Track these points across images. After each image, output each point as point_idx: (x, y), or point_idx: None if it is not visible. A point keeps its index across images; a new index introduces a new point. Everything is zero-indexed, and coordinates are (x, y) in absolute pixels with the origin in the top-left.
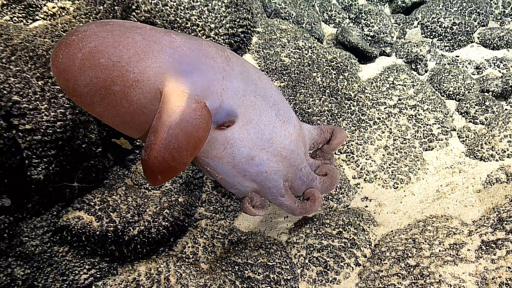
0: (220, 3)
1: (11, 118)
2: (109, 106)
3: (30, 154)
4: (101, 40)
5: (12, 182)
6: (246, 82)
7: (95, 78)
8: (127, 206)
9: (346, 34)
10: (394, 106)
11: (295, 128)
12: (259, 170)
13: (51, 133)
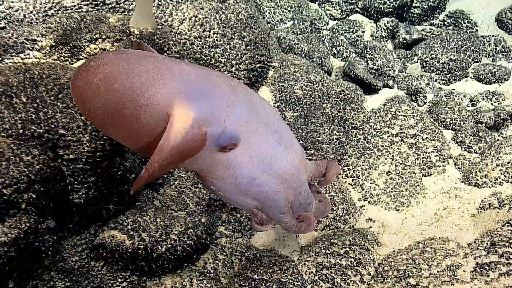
0: (241, 42)
1: (57, 149)
2: (121, 127)
3: (73, 181)
4: (116, 67)
5: (56, 206)
6: (249, 110)
7: (108, 101)
8: (155, 226)
9: (353, 68)
10: (396, 135)
11: (296, 154)
12: (260, 190)
13: (91, 162)
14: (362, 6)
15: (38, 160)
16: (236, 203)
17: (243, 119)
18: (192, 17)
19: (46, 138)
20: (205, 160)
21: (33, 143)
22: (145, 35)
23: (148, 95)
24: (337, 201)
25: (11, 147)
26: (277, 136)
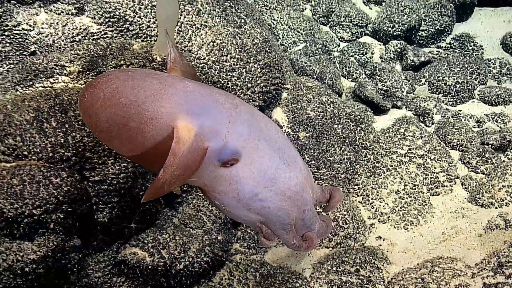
0: (256, 65)
1: (84, 171)
2: (126, 140)
3: (98, 201)
4: (122, 82)
5: (82, 225)
6: (251, 127)
7: (114, 114)
8: (174, 243)
9: (363, 89)
10: (404, 155)
11: (301, 172)
12: (263, 206)
13: (115, 183)
14: (371, 29)
15: (66, 182)
16: (240, 218)
17: (244, 135)
18: (211, 42)
19: (74, 161)
20: (208, 175)
21: (62, 166)
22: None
23: (152, 109)
24: (347, 219)
25: (41, 170)
26: (280, 154)
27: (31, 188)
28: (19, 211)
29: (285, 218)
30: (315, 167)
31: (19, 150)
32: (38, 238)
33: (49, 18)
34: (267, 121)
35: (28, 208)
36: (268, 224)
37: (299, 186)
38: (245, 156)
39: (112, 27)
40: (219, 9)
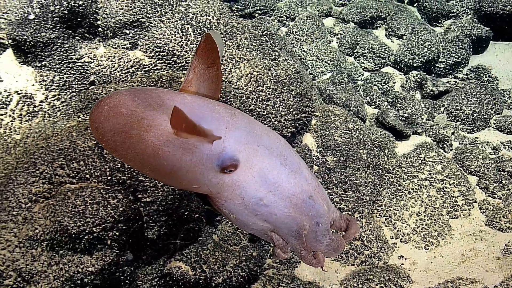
0: (289, 95)
1: (137, 193)
2: (129, 148)
3: (148, 220)
4: (124, 96)
5: (134, 241)
6: (249, 134)
7: (116, 124)
8: (214, 259)
9: (385, 116)
10: (425, 179)
11: (307, 182)
12: (269, 211)
13: (164, 204)
14: (393, 60)
15: (122, 203)
16: (249, 226)
17: (242, 141)
18: (248, 74)
19: (129, 183)
20: (210, 181)
21: (118, 188)
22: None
23: (151, 117)
24: (372, 239)
25: (101, 191)
26: (281, 160)
27: (92, 208)
28: (81, 229)
29: (293, 225)
30: (342, 189)
31: (82, 173)
32: (96, 252)
33: (107, 52)
34: (267, 131)
35: (89, 226)
36: (278, 232)
37: (306, 195)
38: (245, 161)
39: (161, 60)
40: (256, 43)
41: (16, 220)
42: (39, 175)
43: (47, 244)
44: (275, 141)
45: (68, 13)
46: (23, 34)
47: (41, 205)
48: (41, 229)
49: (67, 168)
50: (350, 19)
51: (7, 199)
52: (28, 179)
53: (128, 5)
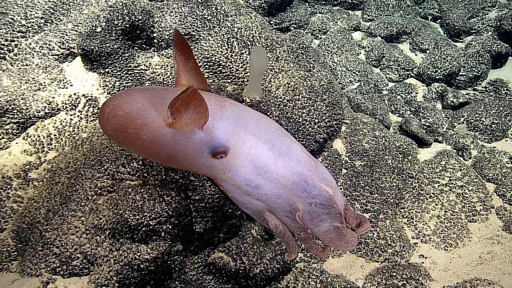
0: (322, 104)
1: (188, 191)
2: (130, 143)
3: (196, 215)
4: (121, 99)
5: (183, 233)
6: (237, 123)
7: (115, 125)
8: (253, 252)
9: (409, 124)
10: (445, 184)
11: (299, 164)
12: (260, 193)
13: (211, 202)
14: (416, 72)
15: (175, 200)
16: (245, 205)
17: (230, 130)
18: (286, 84)
19: (181, 183)
20: (204, 165)
21: (172, 187)
22: (254, 103)
23: (143, 117)
24: (395, 238)
25: (157, 189)
26: (269, 145)
27: (149, 204)
28: (139, 221)
29: (285, 206)
30: (369, 192)
31: (141, 172)
32: (151, 242)
33: (161, 61)
34: (258, 119)
35: (146, 220)
36: (274, 213)
37: (297, 177)
38: (233, 148)
39: (208, 69)
40: (293, 56)
41: (83, 210)
42: (104, 171)
43: (109, 232)
44: (265, 128)
45: (129, 26)
46: (91, 44)
47: (105, 198)
48: (105, 219)
49: (128, 167)
50: (378, 33)
51: (77, 191)
52: (94, 174)
53: (181, 19)
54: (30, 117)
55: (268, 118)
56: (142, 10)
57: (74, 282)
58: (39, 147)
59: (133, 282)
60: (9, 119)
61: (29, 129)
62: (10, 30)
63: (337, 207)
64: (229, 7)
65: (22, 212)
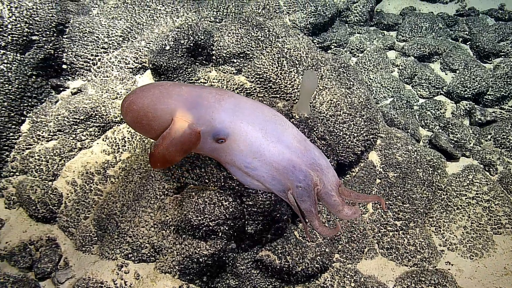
0: (361, 119)
1: (242, 197)
2: (146, 132)
3: (248, 219)
4: (135, 95)
5: (237, 234)
6: (234, 114)
7: (132, 117)
8: (296, 252)
9: (438, 139)
10: (472, 198)
11: (289, 150)
12: (257, 174)
13: (262, 207)
14: (446, 91)
15: (232, 204)
16: (247, 183)
17: (227, 120)
18: (329, 100)
19: (237, 189)
20: (209, 149)
21: (229, 193)
22: (302, 120)
23: (153, 110)
24: (424, 245)
25: (216, 194)
26: (263, 132)
27: (210, 207)
28: (201, 222)
29: (279, 187)
30: (401, 201)
31: (203, 178)
32: (210, 240)
33: (218, 75)
34: (254, 108)
35: (207, 221)
36: (273, 191)
37: (286, 162)
38: (231, 135)
39: (260, 85)
40: (335, 74)
41: (152, 207)
42: (171, 175)
43: (174, 228)
44: (259, 117)
45: (193, 45)
46: (160, 60)
47: (171, 198)
48: (170, 217)
49: (192, 173)
50: (411, 53)
51: (147, 190)
52: (162, 177)
53: (237, 40)
54: (108, 121)
55: (265, 107)
56: (204, 31)
57: (142, 267)
58: (115, 147)
59: (192, 272)
60: (93, 123)
61: (107, 132)
62: (95, 47)
63: (325, 189)
64: (279, 29)
65: (102, 204)
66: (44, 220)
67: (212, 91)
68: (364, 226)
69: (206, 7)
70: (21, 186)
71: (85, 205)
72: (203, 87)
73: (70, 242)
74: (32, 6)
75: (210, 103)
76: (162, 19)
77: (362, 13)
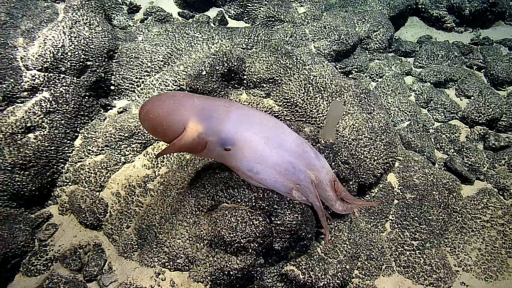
0: (381, 143)
1: (271, 216)
2: (162, 138)
3: (276, 236)
4: (152, 104)
5: (265, 250)
6: (240, 124)
7: (149, 125)
8: (318, 268)
9: (453, 162)
10: (487, 221)
11: (288, 153)
12: (260, 178)
13: (289, 226)
14: (460, 116)
15: (261, 223)
16: (253, 184)
17: (233, 130)
18: (351, 125)
19: (266, 209)
20: (217, 155)
21: (259, 212)
22: (328, 145)
23: (168, 120)
24: (439, 265)
25: (248, 213)
26: (265, 140)
27: (242, 225)
28: (233, 239)
29: (281, 188)
30: (418, 222)
31: (235, 198)
32: (240, 255)
33: (248, 98)
34: (259, 119)
35: (238, 238)
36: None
37: (287, 164)
38: (237, 143)
39: (287, 108)
40: (357, 100)
41: (188, 221)
42: (206, 193)
43: (207, 242)
44: (262, 126)
45: (227, 70)
46: (197, 84)
47: (205, 215)
48: (205, 232)
49: (225, 192)
50: (427, 79)
51: (184, 205)
52: (198, 194)
53: (267, 66)
54: (149, 139)
55: (268, 116)
56: (237, 57)
57: (177, 276)
58: (154, 163)
59: (223, 283)
60: (135, 140)
61: (148, 148)
62: (139, 70)
63: (321, 184)
64: (306, 57)
65: (142, 215)
66: (91, 227)
67: (221, 103)
68: (382, 244)
69: (238, 34)
70: (73, 195)
71: (127, 215)
72: (213, 99)
73: (113, 248)
74: (88, 36)
75: (219, 115)
76: (199, 46)
77: (382, 41)
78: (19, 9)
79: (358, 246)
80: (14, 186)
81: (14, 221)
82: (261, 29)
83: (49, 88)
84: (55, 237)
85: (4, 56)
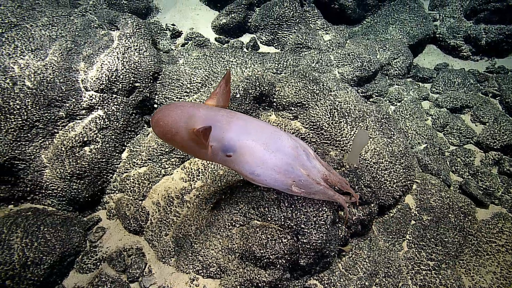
0: (400, 167)
1: (298, 235)
2: (170, 143)
3: (302, 253)
4: (162, 113)
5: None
6: (241, 133)
7: (159, 131)
8: (340, 283)
9: (468, 186)
10: (502, 245)
11: (286, 155)
12: (261, 179)
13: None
14: (475, 141)
15: (289, 241)
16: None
17: (235, 138)
18: (373, 149)
19: (294, 228)
20: (221, 160)
21: (287, 231)
22: (352, 169)
23: (175, 127)
24: (454, 286)
25: (277, 232)
26: (264, 146)
27: (271, 242)
28: (263, 255)
29: (281, 186)
30: (434, 244)
31: (265, 216)
32: (269, 270)
33: (277, 119)
34: (258, 128)
35: (268, 254)
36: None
37: (286, 165)
38: (238, 150)
39: (313, 131)
40: (378, 124)
41: (222, 234)
42: (239, 209)
43: (238, 255)
44: (262, 134)
45: (259, 94)
46: (231, 105)
47: (237, 229)
48: (236, 245)
49: (257, 210)
50: (444, 105)
51: (218, 219)
52: (231, 210)
53: (296, 92)
54: (186, 154)
55: (266, 125)
56: (268, 82)
57: (210, 283)
58: (191, 176)
59: None
60: (174, 155)
61: (185, 162)
62: (180, 90)
63: (315, 180)
64: (332, 83)
65: (179, 224)
66: (134, 232)
67: (224, 113)
68: (399, 263)
69: (269, 59)
70: (119, 202)
71: (166, 224)
72: (217, 109)
73: (153, 253)
74: (138, 60)
75: (222, 124)
76: (233, 69)
77: (401, 68)
78: (82, 37)
79: (376, 263)
80: (71, 193)
81: (70, 223)
82: (290, 55)
83: (103, 107)
84: (103, 239)
85: (69, 79)
